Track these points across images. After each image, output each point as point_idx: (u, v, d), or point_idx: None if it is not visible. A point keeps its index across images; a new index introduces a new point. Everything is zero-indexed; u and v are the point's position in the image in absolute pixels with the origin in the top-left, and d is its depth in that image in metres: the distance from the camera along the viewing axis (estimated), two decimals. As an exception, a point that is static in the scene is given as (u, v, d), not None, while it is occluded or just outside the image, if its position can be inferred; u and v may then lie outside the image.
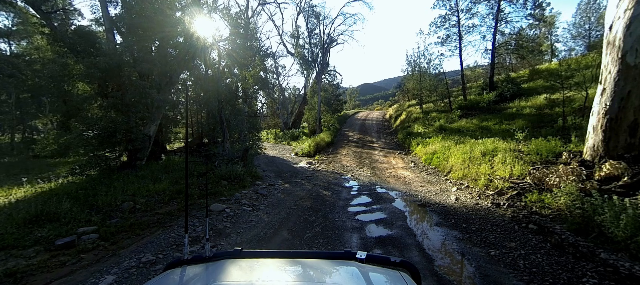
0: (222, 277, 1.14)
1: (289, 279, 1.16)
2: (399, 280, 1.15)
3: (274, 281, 1.12)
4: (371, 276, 1.16)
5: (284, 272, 1.22)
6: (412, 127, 17.80)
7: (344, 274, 1.21)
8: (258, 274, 1.18)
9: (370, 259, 1.29)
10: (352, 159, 13.76)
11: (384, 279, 1.19)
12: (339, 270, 1.25)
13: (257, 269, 1.24)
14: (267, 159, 17.33)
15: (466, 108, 16.05)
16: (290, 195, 8.05)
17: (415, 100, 25.20)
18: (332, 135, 21.02)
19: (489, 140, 9.40)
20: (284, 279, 1.16)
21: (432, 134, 13.90)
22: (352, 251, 1.36)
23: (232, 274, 1.19)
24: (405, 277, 1.17)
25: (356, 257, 1.30)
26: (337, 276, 1.22)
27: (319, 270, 1.26)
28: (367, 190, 8.20)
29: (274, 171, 12.55)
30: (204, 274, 1.20)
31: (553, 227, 4.16)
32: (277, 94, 36.95)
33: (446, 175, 8.75)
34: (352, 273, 1.19)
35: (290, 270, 1.24)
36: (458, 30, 17.76)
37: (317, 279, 1.20)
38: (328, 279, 1.19)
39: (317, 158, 15.42)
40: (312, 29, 27.18)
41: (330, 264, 1.33)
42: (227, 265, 1.27)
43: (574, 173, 5.00)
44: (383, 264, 1.30)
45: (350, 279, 1.15)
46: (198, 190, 7.64)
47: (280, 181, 10.37)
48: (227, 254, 1.39)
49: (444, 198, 6.80)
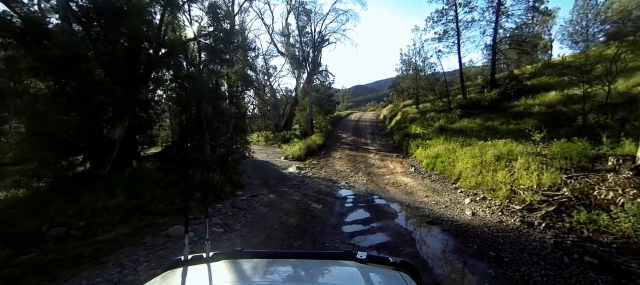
0: (222, 277, 1.16)
1: (289, 279, 1.18)
2: (398, 280, 1.13)
3: (273, 281, 1.17)
4: (371, 276, 1.16)
5: (283, 272, 1.23)
6: (408, 128, 16.72)
7: (344, 274, 1.23)
8: (258, 274, 1.20)
9: (370, 259, 1.25)
10: (346, 162, 12.60)
11: (384, 279, 1.17)
12: (339, 271, 1.26)
13: (257, 269, 1.25)
14: (254, 163, 16.13)
15: (466, 107, 15.04)
16: (274, 208, 6.82)
17: (410, 100, 24.18)
18: (324, 137, 19.85)
19: (500, 141, 8.33)
20: (284, 279, 1.18)
21: (432, 134, 12.82)
22: (352, 251, 1.31)
23: (232, 274, 1.20)
24: (405, 277, 1.15)
25: (356, 257, 1.26)
26: (337, 276, 1.23)
27: (319, 271, 1.28)
28: (364, 202, 7.03)
29: (259, 177, 11.31)
30: (204, 274, 1.19)
31: (625, 262, 3.04)
32: (268, 95, 35.73)
33: (454, 182, 7.63)
34: (352, 273, 1.19)
35: (290, 270, 1.26)
36: (456, 25, 16.77)
37: (317, 279, 1.22)
38: (328, 279, 1.21)
39: (308, 162, 14.23)
40: (303, 27, 26.00)
41: (330, 264, 1.34)
42: (227, 266, 1.27)
43: (633, 185, 3.92)
44: (383, 264, 1.26)
45: (350, 279, 1.17)
46: (162, 206, 6.34)
47: (265, 190, 9.14)
48: (227, 254, 1.37)
49: (457, 212, 5.66)
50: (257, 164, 16.03)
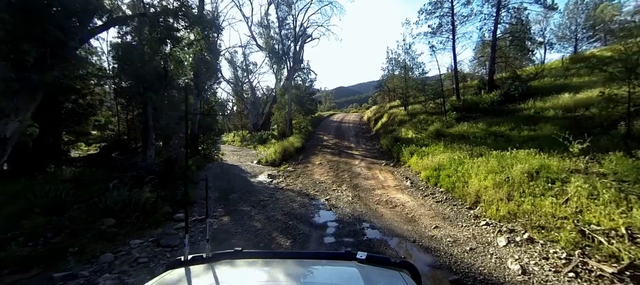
0: (222, 278, 1.12)
1: (289, 279, 1.12)
2: (399, 280, 1.10)
3: (273, 281, 1.12)
4: (371, 276, 1.13)
5: (283, 273, 1.18)
6: (397, 131, 14.95)
7: (344, 274, 1.20)
8: (258, 274, 1.18)
9: (370, 259, 1.22)
10: (327, 171, 10.57)
11: (384, 279, 1.15)
12: (339, 271, 1.24)
13: (257, 269, 1.23)
14: (221, 167, 13.86)
15: (462, 109, 13.41)
16: (220, 246, 4.65)
17: (397, 101, 22.51)
18: (303, 139, 17.77)
19: (520, 152, 6.57)
20: (284, 279, 1.13)
21: (428, 140, 11.04)
22: (352, 251, 1.28)
23: (232, 274, 1.18)
24: (405, 277, 1.12)
25: (356, 257, 1.24)
26: (338, 276, 1.21)
27: (319, 271, 1.26)
28: (351, 234, 5.01)
29: (220, 189, 9.06)
30: (204, 274, 1.17)
31: None
32: (249, 93, 33.20)
33: (470, 206, 5.74)
34: (352, 273, 1.17)
35: (290, 270, 1.21)
36: (451, 19, 15.17)
37: (317, 279, 1.19)
38: (328, 279, 1.19)
39: (283, 168, 12.10)
40: (283, 18, 23.70)
41: (330, 264, 1.33)
42: (227, 266, 1.24)
43: None
44: (383, 264, 1.23)
45: (350, 279, 1.14)
46: (24, 250, 4.00)
47: (220, 208, 6.95)
48: (227, 254, 1.34)
49: (493, 263, 3.73)
50: (225, 168, 13.78)
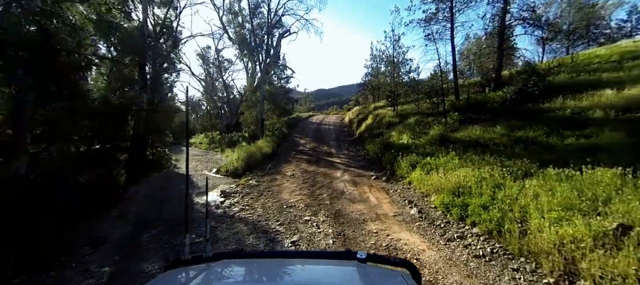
0: (222, 277, 1.13)
1: (289, 279, 1.12)
2: (399, 279, 1.09)
3: (274, 281, 1.12)
4: (371, 276, 1.13)
5: (284, 272, 1.19)
6: (387, 136, 12.47)
7: (345, 274, 1.18)
8: (258, 274, 1.17)
9: (370, 259, 1.21)
10: (300, 186, 7.86)
11: (385, 278, 1.15)
12: (340, 270, 1.22)
13: (257, 268, 1.22)
14: (167, 179, 10.93)
15: (465, 109, 11.14)
16: None
17: (383, 101, 20.14)
18: (274, 143, 14.93)
19: (598, 171, 4.17)
20: (284, 279, 1.13)
21: (430, 147, 8.55)
22: (353, 251, 1.25)
23: (232, 274, 1.18)
24: (405, 277, 1.11)
25: (356, 257, 1.22)
26: (338, 276, 1.19)
27: (319, 270, 1.25)
28: None
29: (140, 216, 6.20)
30: (204, 273, 1.16)
31: None
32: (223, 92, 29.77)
33: (548, 273, 3.21)
34: (352, 272, 1.15)
35: (290, 270, 1.22)
36: (449, 3, 12.96)
37: (317, 278, 1.18)
38: (328, 279, 1.17)
39: (244, 181, 9.25)
40: (256, 5, 20.81)
41: (330, 263, 1.32)
42: (227, 265, 1.24)
43: None
44: (383, 263, 1.23)
45: (350, 279, 1.13)
46: None
47: (107, 268, 4.08)
48: (227, 254, 1.36)
49: None
50: (170, 181, 10.81)
